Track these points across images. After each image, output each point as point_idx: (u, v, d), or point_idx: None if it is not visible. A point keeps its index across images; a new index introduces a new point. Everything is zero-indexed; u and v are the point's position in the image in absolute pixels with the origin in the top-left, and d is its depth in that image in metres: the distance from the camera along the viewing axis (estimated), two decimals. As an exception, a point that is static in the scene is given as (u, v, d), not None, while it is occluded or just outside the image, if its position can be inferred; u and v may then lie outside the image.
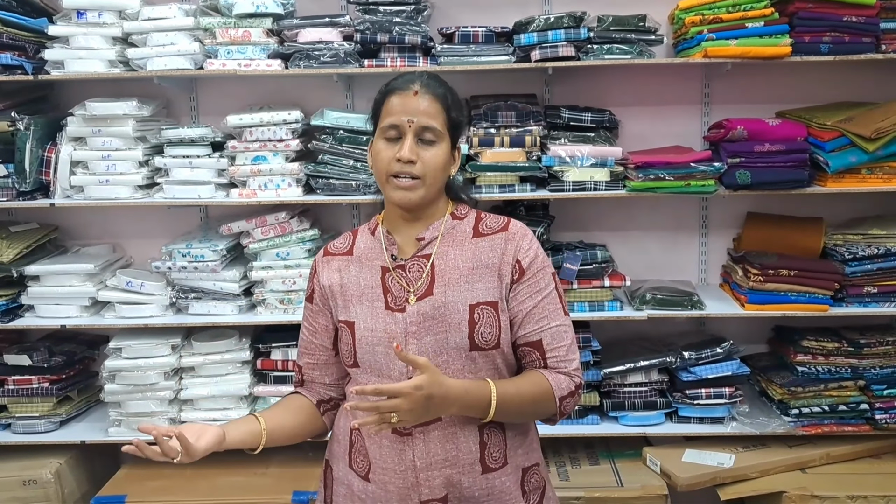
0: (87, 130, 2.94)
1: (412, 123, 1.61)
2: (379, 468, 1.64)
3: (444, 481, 1.62)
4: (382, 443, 1.63)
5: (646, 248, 3.30)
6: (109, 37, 2.89)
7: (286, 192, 2.95)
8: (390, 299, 1.65)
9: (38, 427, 3.09)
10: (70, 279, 3.04)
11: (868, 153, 2.75)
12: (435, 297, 1.63)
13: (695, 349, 2.99)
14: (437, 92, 1.65)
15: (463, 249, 1.67)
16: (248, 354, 3.07)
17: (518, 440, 1.69)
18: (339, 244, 1.78)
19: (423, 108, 1.62)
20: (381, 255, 1.70)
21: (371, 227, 1.77)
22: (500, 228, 1.70)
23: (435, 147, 1.63)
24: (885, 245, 2.92)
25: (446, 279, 1.64)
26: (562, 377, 1.65)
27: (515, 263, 1.66)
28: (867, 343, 2.98)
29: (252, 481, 2.99)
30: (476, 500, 1.64)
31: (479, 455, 1.63)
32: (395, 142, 1.62)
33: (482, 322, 1.61)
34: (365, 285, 1.68)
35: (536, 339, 1.66)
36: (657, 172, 2.81)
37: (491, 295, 1.64)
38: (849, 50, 2.77)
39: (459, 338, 1.61)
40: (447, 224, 1.70)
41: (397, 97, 1.64)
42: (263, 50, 2.87)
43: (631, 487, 2.86)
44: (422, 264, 1.66)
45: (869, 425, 2.97)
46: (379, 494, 1.65)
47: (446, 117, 1.65)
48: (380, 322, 1.63)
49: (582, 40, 2.81)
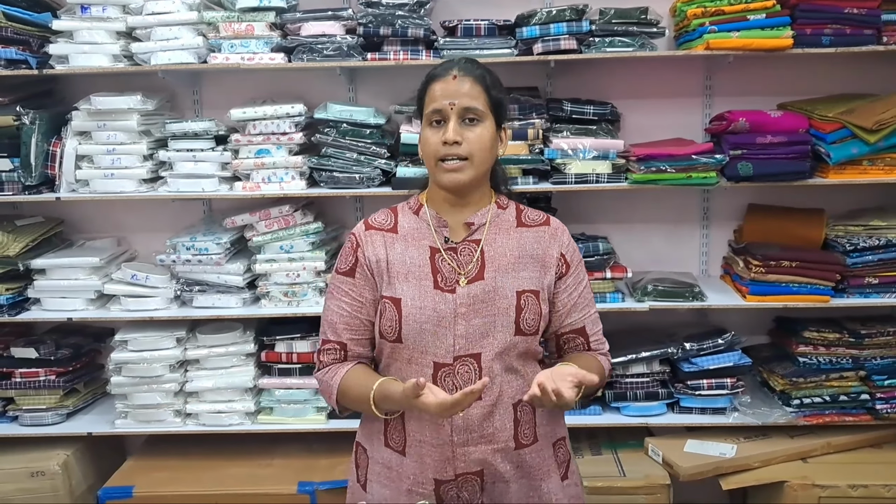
0: (92, 125, 2.95)
1: (454, 106, 1.67)
2: (416, 442, 1.71)
3: (479, 456, 1.70)
4: (422, 418, 1.70)
5: (647, 240, 3.32)
6: (113, 31, 2.89)
7: (290, 185, 2.96)
8: (440, 279, 1.71)
9: (46, 419, 3.12)
10: (76, 272, 3.05)
11: (869, 145, 2.76)
12: (486, 282, 1.70)
13: (696, 340, 3.01)
14: (475, 73, 1.71)
15: (509, 238, 1.76)
16: (252, 347, 3.09)
17: (546, 416, 1.78)
18: (380, 219, 1.82)
19: (463, 90, 1.68)
20: (428, 235, 1.75)
21: (413, 208, 1.81)
22: (543, 222, 1.81)
23: (479, 126, 1.69)
24: (885, 236, 2.93)
25: (496, 265, 1.72)
26: (603, 357, 1.85)
27: (560, 258, 1.77)
28: (868, 334, 3.00)
29: (257, 472, 3.02)
30: (508, 475, 1.72)
31: (513, 432, 1.71)
32: (440, 127, 1.69)
33: (527, 309, 1.70)
34: (412, 263, 1.73)
35: (581, 325, 1.80)
36: (659, 165, 2.82)
37: (535, 284, 1.73)
38: (850, 42, 2.77)
39: (507, 322, 1.69)
40: (493, 212, 1.77)
41: (438, 83, 1.70)
42: (267, 44, 2.88)
43: (633, 477, 2.88)
44: (472, 248, 1.73)
45: (870, 415, 2.99)
46: (415, 467, 1.71)
47: (487, 97, 1.71)
48: (428, 301, 1.69)
49: (584, 33, 2.82)
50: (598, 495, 2.82)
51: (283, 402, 3.09)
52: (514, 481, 1.73)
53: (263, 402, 3.12)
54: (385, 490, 1.76)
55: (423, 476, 1.71)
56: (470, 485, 1.70)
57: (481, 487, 1.70)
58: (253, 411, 3.08)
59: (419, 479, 1.71)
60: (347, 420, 3.04)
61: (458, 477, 1.70)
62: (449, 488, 1.70)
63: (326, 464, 3.04)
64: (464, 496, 1.70)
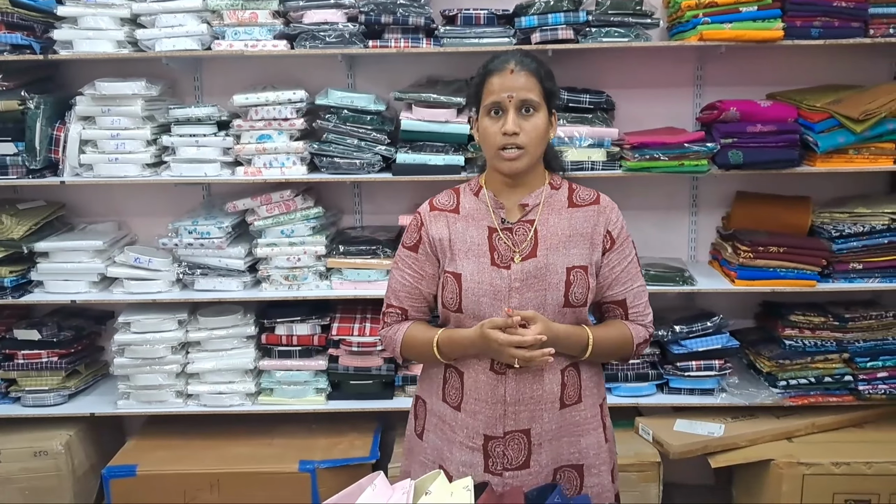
0: (97, 109, 2.99)
1: (512, 98, 1.79)
2: (472, 399, 1.85)
3: (528, 415, 1.84)
4: (479, 378, 1.85)
5: (639, 227, 3.36)
6: (118, 17, 2.93)
7: (291, 170, 3.02)
8: (496, 257, 1.84)
9: (48, 400, 3.17)
10: (79, 255, 3.10)
11: (856, 134, 2.85)
12: (538, 259, 1.83)
13: (685, 323, 3.10)
14: (530, 67, 1.83)
15: (561, 217, 1.88)
16: (252, 329, 3.16)
17: (593, 380, 1.94)
18: (444, 200, 1.95)
19: (520, 83, 1.80)
20: (487, 215, 1.88)
21: (474, 189, 1.94)
22: (593, 201, 1.92)
23: (535, 117, 1.81)
24: (870, 223, 3.03)
25: (548, 244, 1.84)
26: (640, 328, 1.93)
27: (607, 234, 1.89)
28: (852, 317, 3.10)
29: (258, 451, 3.09)
30: (553, 433, 1.86)
31: (560, 394, 1.86)
32: (498, 117, 1.80)
33: (576, 283, 1.83)
34: (471, 241, 1.86)
35: (622, 298, 1.92)
36: (652, 153, 2.90)
37: (584, 260, 1.86)
38: (838, 34, 2.86)
39: (556, 295, 1.82)
40: (546, 193, 1.89)
41: (496, 77, 1.81)
42: (270, 31, 2.93)
43: (625, 455, 2.97)
44: (526, 228, 1.86)
45: (853, 396, 3.09)
46: (468, 422, 1.86)
47: (541, 88, 1.83)
48: (486, 276, 1.82)
49: (581, 23, 2.89)
50: (591, 473, 2.91)
51: (283, 384, 3.16)
52: (554, 440, 1.85)
53: (264, 384, 3.18)
54: (438, 441, 1.91)
55: (475, 431, 1.85)
56: (516, 442, 1.83)
57: (528, 447, 1.83)
58: (253, 392, 3.15)
59: (470, 433, 1.85)
60: (346, 401, 3.15)
61: (507, 435, 1.83)
62: (496, 444, 1.83)
63: (326, 443, 3.11)
64: (509, 454, 1.83)
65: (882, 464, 2.88)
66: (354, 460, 2.98)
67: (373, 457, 3.02)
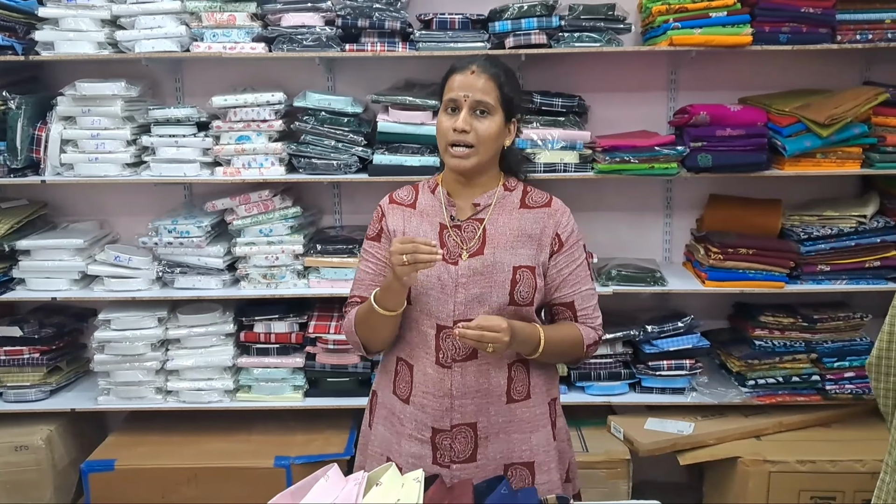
0: (77, 110, 3.04)
1: (467, 98, 1.85)
2: (420, 392, 1.90)
3: (475, 409, 1.88)
4: (427, 371, 1.89)
5: (614, 228, 3.45)
6: (98, 19, 2.98)
7: (269, 170, 3.07)
8: (445, 252, 1.89)
9: (29, 396, 3.21)
10: (60, 254, 3.15)
11: (822, 138, 2.90)
12: (485, 257, 1.88)
13: (657, 323, 3.16)
14: (491, 71, 1.88)
15: (511, 218, 1.93)
16: (231, 327, 3.20)
17: (542, 377, 1.97)
18: (403, 195, 2.01)
19: (478, 85, 1.86)
20: (440, 212, 1.94)
21: (431, 186, 2.00)
22: (545, 204, 1.97)
23: (488, 119, 1.86)
24: (837, 225, 3.09)
25: (496, 242, 1.90)
26: (590, 330, 1.97)
27: (555, 236, 1.94)
28: (820, 318, 3.16)
29: (236, 447, 3.14)
30: (500, 427, 1.90)
31: (507, 388, 1.90)
32: (454, 115, 1.87)
33: (522, 282, 1.88)
34: (423, 236, 1.91)
35: (570, 300, 1.96)
36: (623, 155, 2.95)
37: (531, 260, 1.91)
38: (806, 40, 2.92)
39: (501, 293, 1.87)
40: (500, 194, 1.95)
41: (458, 75, 1.89)
42: (248, 33, 2.98)
43: (595, 452, 3.03)
44: (475, 226, 1.92)
45: (820, 395, 3.15)
46: (416, 415, 1.91)
47: (499, 93, 1.88)
48: (434, 270, 1.86)
49: (553, 28, 2.94)
50: (561, 469, 2.96)
51: (261, 381, 3.21)
52: (502, 434, 1.90)
53: (242, 381, 3.23)
54: (388, 433, 1.96)
55: (423, 424, 1.90)
56: (463, 436, 1.88)
57: (475, 440, 1.88)
58: (232, 389, 3.19)
59: (419, 426, 1.90)
60: (323, 398, 3.19)
61: (454, 428, 1.88)
62: (444, 437, 1.88)
63: (302, 440, 3.16)
64: (456, 447, 1.88)
65: (847, 462, 2.93)
66: (329, 456, 3.03)
67: (347, 453, 3.06)
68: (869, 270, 3.08)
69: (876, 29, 2.92)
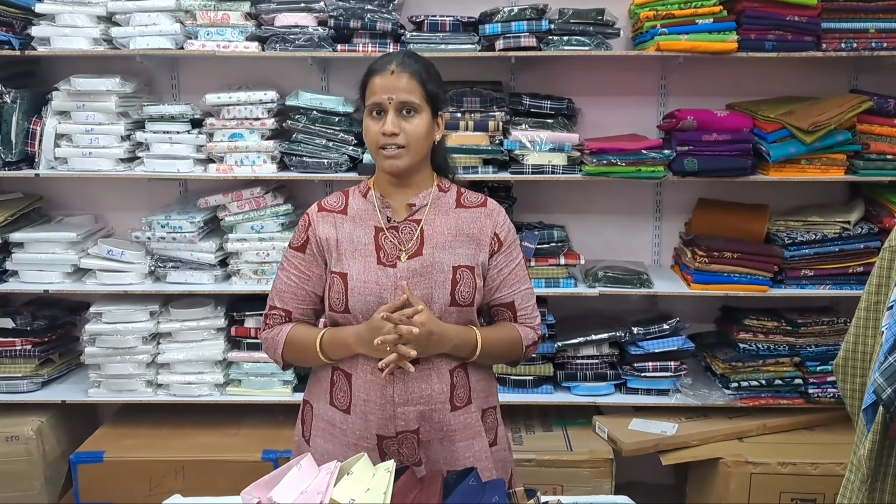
0: (72, 105, 3.08)
1: (391, 100, 1.81)
2: (361, 401, 1.86)
3: (417, 415, 1.86)
4: (367, 378, 1.86)
5: (603, 231, 3.49)
6: (94, 15, 3.02)
7: (261, 168, 3.11)
8: (382, 256, 1.87)
9: (21, 387, 3.25)
10: (53, 247, 3.19)
11: (805, 144, 2.94)
12: (424, 257, 1.86)
13: (643, 325, 3.19)
14: (412, 69, 1.85)
15: (448, 218, 1.91)
16: (222, 322, 3.24)
17: (481, 384, 1.95)
18: (332, 202, 1.96)
19: (400, 85, 1.82)
20: (374, 216, 1.91)
21: (362, 191, 1.97)
22: (480, 204, 1.95)
23: (416, 118, 1.83)
24: (822, 231, 3.12)
25: (434, 242, 1.87)
26: (528, 329, 1.96)
27: (494, 236, 1.92)
28: (804, 323, 3.19)
29: (224, 441, 3.17)
30: (444, 433, 1.88)
31: (449, 395, 1.88)
32: (380, 118, 1.83)
33: (462, 282, 1.86)
34: (358, 241, 1.88)
35: (510, 300, 1.94)
36: (610, 158, 2.99)
37: (470, 260, 1.89)
38: (791, 48, 2.95)
39: (442, 294, 1.85)
40: (434, 194, 1.92)
41: (378, 78, 1.84)
42: (241, 32, 3.02)
43: (579, 452, 3.06)
44: (412, 227, 1.89)
45: (802, 398, 3.18)
46: (359, 424, 1.87)
47: (423, 90, 1.85)
48: (372, 275, 1.85)
49: (543, 32, 2.98)
50: (545, 468, 3.00)
51: (251, 375, 3.24)
52: (446, 441, 1.89)
53: (232, 375, 3.26)
54: (328, 444, 1.91)
55: (367, 432, 1.86)
56: (409, 441, 1.86)
57: (418, 445, 1.87)
58: (222, 383, 3.23)
59: (364, 434, 1.87)
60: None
61: (399, 434, 1.86)
62: (390, 444, 1.86)
63: (290, 434, 3.07)
64: (404, 452, 1.87)
65: (827, 465, 2.96)
66: (316, 451, 3.06)
67: (334, 448, 3.09)
68: (853, 276, 3.11)
69: (861, 38, 2.95)
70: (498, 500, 1.58)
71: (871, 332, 1.88)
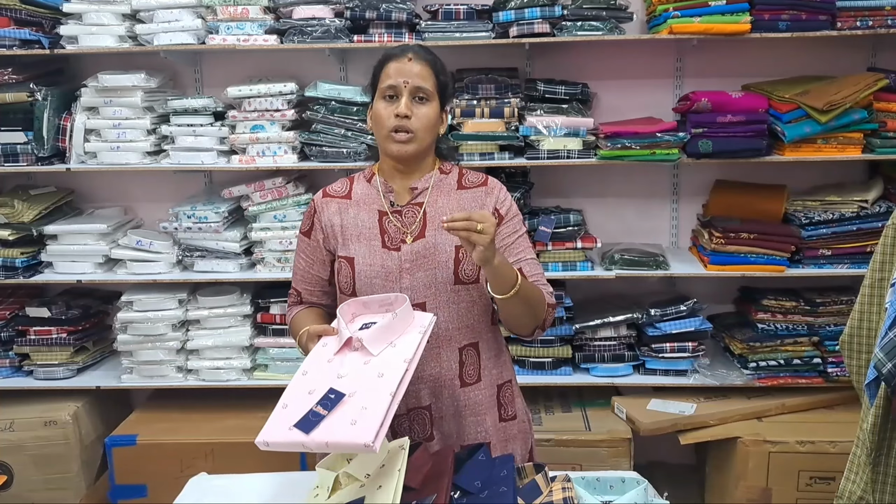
0: (100, 101, 3.18)
1: (407, 84, 1.88)
2: None
3: (428, 392, 1.92)
4: None
5: (620, 214, 3.52)
6: (119, 14, 3.12)
7: (282, 158, 3.18)
8: (387, 239, 1.92)
9: (58, 374, 3.38)
10: (85, 238, 3.30)
11: (821, 124, 2.94)
12: (427, 239, 1.91)
13: (661, 307, 3.22)
14: (427, 58, 1.93)
15: (450, 199, 1.95)
16: (248, 309, 3.33)
17: (492, 361, 1.99)
18: (336, 188, 2.03)
19: (416, 71, 1.89)
20: (378, 200, 1.96)
21: (367, 176, 2.02)
22: (481, 183, 2.00)
23: (427, 106, 1.89)
24: (839, 210, 3.12)
25: (436, 224, 1.91)
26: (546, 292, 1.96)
27: (495, 211, 1.95)
28: (823, 302, 3.20)
29: (252, 424, 3.17)
30: (455, 409, 1.94)
31: (458, 372, 1.93)
32: (392, 102, 1.89)
33: (466, 261, 1.90)
34: (363, 226, 1.94)
35: (517, 268, 1.92)
36: (625, 142, 3.02)
37: None
38: (806, 27, 2.94)
39: (446, 273, 1.90)
40: (436, 177, 1.97)
41: (394, 63, 1.90)
42: (260, 26, 3.09)
43: (598, 432, 3.10)
44: (415, 210, 1.94)
45: (821, 378, 3.19)
46: None
47: (436, 80, 1.92)
48: (377, 258, 1.91)
49: (556, 17, 3.01)
50: (563, 447, 3.05)
51: (277, 360, 3.33)
52: (457, 416, 1.95)
53: (259, 360, 3.36)
54: None
55: None
56: (420, 418, 1.93)
57: (431, 422, 1.93)
58: (249, 368, 3.33)
59: None
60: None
61: (410, 411, 1.93)
62: (402, 421, 1.93)
63: None
64: (415, 429, 1.94)
65: (846, 443, 2.94)
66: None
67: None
68: (871, 255, 3.09)
69: (876, 15, 2.94)
70: (507, 474, 1.63)
71: (876, 309, 1.91)
